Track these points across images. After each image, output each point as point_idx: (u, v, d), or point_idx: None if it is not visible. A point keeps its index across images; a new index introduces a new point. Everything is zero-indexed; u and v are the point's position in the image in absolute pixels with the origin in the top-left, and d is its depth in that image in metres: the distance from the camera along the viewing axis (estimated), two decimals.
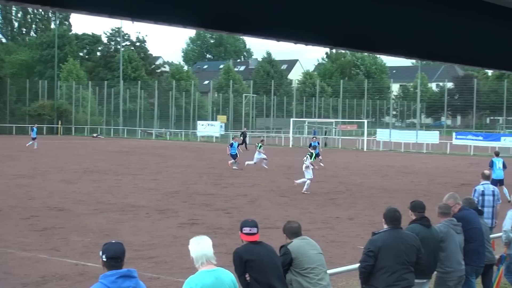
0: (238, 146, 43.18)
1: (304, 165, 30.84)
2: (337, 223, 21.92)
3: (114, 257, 6.72)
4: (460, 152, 61.60)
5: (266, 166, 40.81)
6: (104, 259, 6.73)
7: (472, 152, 61.95)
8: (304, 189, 29.91)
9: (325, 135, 76.67)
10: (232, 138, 45.13)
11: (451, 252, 10.49)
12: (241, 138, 63.52)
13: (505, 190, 27.92)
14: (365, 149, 67.20)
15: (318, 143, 36.89)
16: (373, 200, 27.66)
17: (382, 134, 71.75)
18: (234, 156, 41.81)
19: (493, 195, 16.56)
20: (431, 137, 68.22)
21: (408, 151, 64.50)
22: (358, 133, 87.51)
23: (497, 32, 2.75)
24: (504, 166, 29.57)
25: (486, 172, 17.44)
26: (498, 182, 27.62)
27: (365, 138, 69.39)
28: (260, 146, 42.87)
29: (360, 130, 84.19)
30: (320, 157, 42.31)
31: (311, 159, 31.35)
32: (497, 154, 31.22)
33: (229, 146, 42.88)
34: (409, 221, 10.30)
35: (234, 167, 40.70)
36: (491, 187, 16.80)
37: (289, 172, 38.58)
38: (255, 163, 41.09)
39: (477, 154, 60.81)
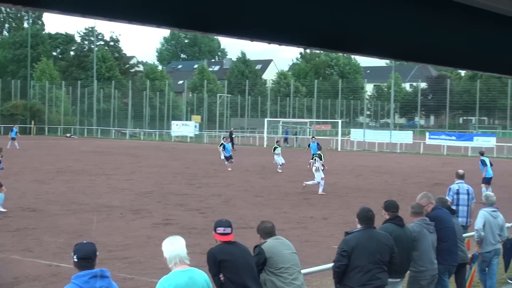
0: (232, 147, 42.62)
1: (314, 167, 30.64)
2: (311, 223, 21.97)
3: (85, 258, 6.70)
4: (434, 152, 62.02)
5: (280, 171, 39.61)
6: (75, 260, 6.71)
7: (446, 152, 62.38)
8: (320, 190, 29.77)
9: (296, 135, 76.71)
10: (224, 139, 44.43)
11: (424, 251, 10.56)
12: (224, 138, 63.22)
13: (490, 189, 27.97)
14: (339, 149, 67.41)
15: (318, 144, 36.92)
16: (347, 200, 27.75)
17: (356, 134, 72.03)
18: (228, 158, 41.31)
19: (468, 193, 16.72)
20: (405, 137, 68.60)
21: (382, 151, 64.80)
22: (332, 133, 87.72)
23: (467, 33, 2.77)
24: (491, 164, 29.87)
25: (460, 171, 17.58)
26: (490, 181, 27.92)
27: (339, 138, 69.61)
28: (275, 148, 41.64)
29: (334, 130, 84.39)
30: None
31: (321, 160, 31.06)
32: (482, 154, 31.23)
33: (222, 149, 42.49)
34: (382, 221, 10.35)
35: (228, 168, 40.05)
36: (466, 186, 16.95)
37: (263, 172, 38.62)
38: (281, 164, 40.19)
39: (450, 154, 61.26)
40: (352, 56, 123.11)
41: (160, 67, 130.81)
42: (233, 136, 66.77)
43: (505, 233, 13.45)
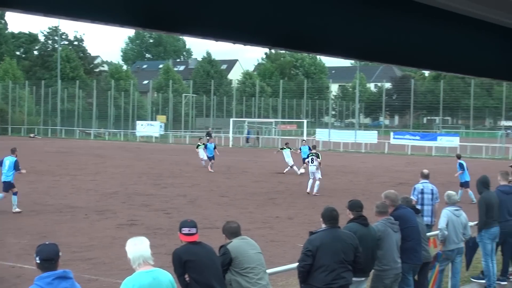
0: (215, 148, 41.42)
1: (313, 166, 30.59)
2: (276, 223, 22.00)
3: (48, 259, 6.66)
4: (398, 151, 62.46)
5: (285, 172, 39.58)
6: (38, 261, 6.67)
7: (410, 151, 62.84)
8: (315, 190, 29.95)
9: (257, 134, 76.68)
10: (206, 140, 43.32)
11: (388, 250, 10.64)
12: (207, 138, 62.44)
13: (470, 193, 28.12)
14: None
15: (310, 148, 37.04)
16: (312, 200, 27.84)
17: (322, 134, 72.29)
18: (211, 158, 40.41)
19: (432, 193, 16.85)
20: (370, 137, 69.02)
21: (347, 151, 65.12)
22: (297, 133, 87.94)
23: (429, 33, 2.80)
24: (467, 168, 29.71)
25: (425, 171, 17.71)
26: (468, 184, 28.06)
27: (305, 138, 69.75)
28: (283, 149, 41.10)
29: (300, 130, 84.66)
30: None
31: (318, 158, 31.05)
32: (459, 157, 30.96)
33: (204, 148, 41.71)
34: (347, 220, 10.40)
35: (211, 170, 39.33)
36: (430, 185, 17.06)
37: (229, 172, 38.59)
38: (291, 166, 39.79)
39: (415, 153, 61.74)
40: (317, 56, 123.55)
41: (125, 67, 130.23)
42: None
43: (468, 231, 13.56)
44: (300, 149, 39.60)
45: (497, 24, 3.12)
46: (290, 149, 41.03)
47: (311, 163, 30.82)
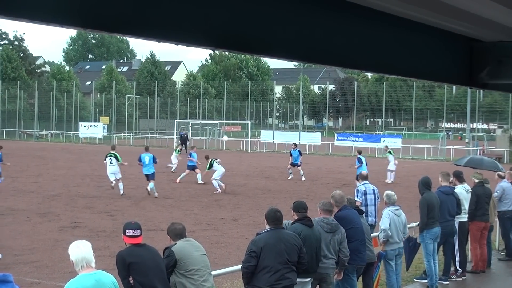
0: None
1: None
2: (221, 224, 22.00)
3: None
4: (342, 153, 62.99)
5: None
6: None
7: (353, 153, 63.33)
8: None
9: (186, 136, 76.12)
10: (192, 148, 38.72)
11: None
12: (179, 141, 60.76)
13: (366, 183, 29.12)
14: (249, 151, 67.66)
15: (300, 152, 37.35)
16: (257, 201, 27.91)
17: (266, 136, 72.51)
18: (191, 167, 35.52)
19: (374, 193, 17.13)
20: (313, 138, 69.49)
21: None
22: (242, 135, 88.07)
23: (370, 35, 2.83)
24: (366, 164, 33.11)
25: (364, 172, 18.46)
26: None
27: (249, 139, 69.89)
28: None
29: (244, 131, 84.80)
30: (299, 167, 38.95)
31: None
32: (360, 152, 34.75)
33: (189, 156, 36.33)
34: (291, 221, 10.44)
35: (178, 178, 35.49)
36: (371, 186, 17.38)
37: (173, 174, 38.41)
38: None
39: None
40: (262, 58, 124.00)
41: (67, 68, 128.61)
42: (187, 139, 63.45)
43: (407, 231, 13.78)
44: (291, 153, 39.24)
45: (433, 26, 3.17)
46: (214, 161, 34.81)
47: None
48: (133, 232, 8.44)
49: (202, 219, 22.99)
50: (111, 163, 30.40)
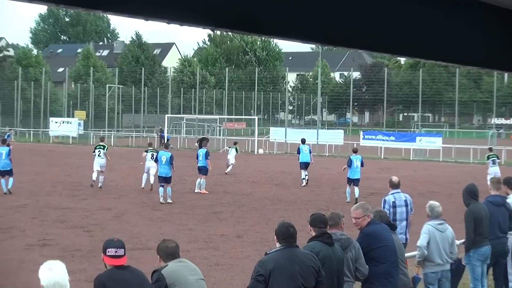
0: (207, 157, 35.11)
1: None
2: (222, 242, 21.98)
3: None
4: (369, 154, 62.73)
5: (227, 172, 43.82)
6: None
7: (383, 155, 63.26)
8: None
9: (163, 133, 76.17)
10: (202, 143, 39.65)
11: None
12: (162, 141, 61.95)
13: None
14: (255, 152, 67.61)
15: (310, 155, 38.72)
16: (265, 214, 27.88)
17: (276, 134, 72.45)
18: (201, 169, 35.06)
19: (406, 205, 16.63)
20: (335, 137, 69.34)
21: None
22: (247, 133, 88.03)
23: (404, 12, 2.81)
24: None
25: (395, 179, 17.32)
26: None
27: (256, 138, 69.80)
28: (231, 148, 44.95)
29: (250, 128, 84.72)
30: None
31: None
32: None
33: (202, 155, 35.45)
34: (308, 238, 10.39)
35: (199, 191, 34.81)
36: (403, 195, 16.80)
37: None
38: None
39: (389, 157, 62.22)
40: (271, 40, 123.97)
41: (35, 52, 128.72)
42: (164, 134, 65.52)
43: (455, 250, 13.45)
44: (299, 150, 40.21)
45: (481, 0, 3.14)
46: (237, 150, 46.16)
47: None
48: (115, 252, 8.44)
49: (198, 235, 22.98)
50: (99, 155, 35.27)
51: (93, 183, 34.42)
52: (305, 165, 39.14)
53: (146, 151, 36.14)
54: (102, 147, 36.28)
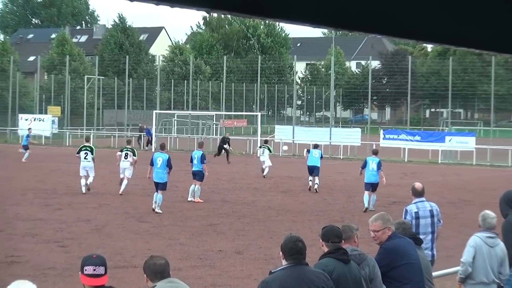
0: (203, 160, 35.28)
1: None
2: (219, 259, 22.00)
3: None
4: (390, 157, 62.77)
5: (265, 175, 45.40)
6: None
7: (407, 157, 63.25)
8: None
9: (141, 131, 76.29)
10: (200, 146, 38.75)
11: None
12: (143, 135, 62.94)
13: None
14: (258, 154, 67.57)
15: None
16: (270, 226, 27.89)
17: (283, 133, 72.50)
18: (196, 175, 35.40)
19: (432, 215, 16.32)
20: (350, 136, 69.33)
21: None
22: (248, 131, 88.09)
23: None
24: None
25: (418, 185, 16.92)
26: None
27: (259, 137, 69.75)
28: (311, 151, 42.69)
29: (252, 126, 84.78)
30: None
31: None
32: (375, 153, 35.46)
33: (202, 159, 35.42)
34: (320, 254, 10.38)
35: (193, 199, 34.69)
36: (428, 204, 16.39)
37: (150, 187, 38.48)
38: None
39: (413, 160, 62.25)
40: (277, 24, 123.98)
41: (1, 37, 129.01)
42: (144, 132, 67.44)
43: (506, 270, 13.16)
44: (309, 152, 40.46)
45: None
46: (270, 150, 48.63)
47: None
48: (94, 270, 8.46)
49: (192, 251, 22.99)
50: (85, 158, 36.23)
51: (84, 189, 35.73)
52: (312, 170, 39.20)
53: (121, 150, 37.49)
54: (89, 149, 37.09)
